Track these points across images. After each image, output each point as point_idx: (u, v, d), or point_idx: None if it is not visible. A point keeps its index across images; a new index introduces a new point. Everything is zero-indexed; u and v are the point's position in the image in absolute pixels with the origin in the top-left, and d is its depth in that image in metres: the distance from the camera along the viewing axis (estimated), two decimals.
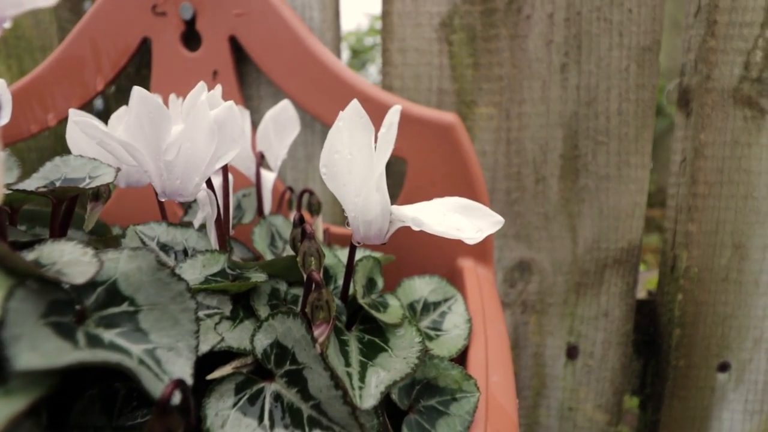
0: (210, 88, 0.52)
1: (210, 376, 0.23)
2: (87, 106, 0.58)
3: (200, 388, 0.22)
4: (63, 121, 0.56)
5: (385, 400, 0.27)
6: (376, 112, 0.48)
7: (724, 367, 0.57)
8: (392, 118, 0.23)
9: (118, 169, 0.29)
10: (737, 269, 0.55)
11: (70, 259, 0.21)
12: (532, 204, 0.55)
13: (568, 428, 0.60)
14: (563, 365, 0.59)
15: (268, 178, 0.39)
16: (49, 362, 0.17)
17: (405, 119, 0.48)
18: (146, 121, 0.25)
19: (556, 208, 0.55)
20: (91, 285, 0.21)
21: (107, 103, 0.61)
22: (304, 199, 0.41)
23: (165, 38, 0.53)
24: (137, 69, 0.58)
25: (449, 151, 0.47)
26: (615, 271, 0.56)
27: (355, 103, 0.24)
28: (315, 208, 0.38)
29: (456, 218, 0.24)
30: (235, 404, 0.23)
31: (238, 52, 0.53)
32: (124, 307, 0.21)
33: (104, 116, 0.63)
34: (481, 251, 0.50)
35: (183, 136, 0.25)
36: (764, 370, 0.57)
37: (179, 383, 0.18)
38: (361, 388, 0.24)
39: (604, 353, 0.58)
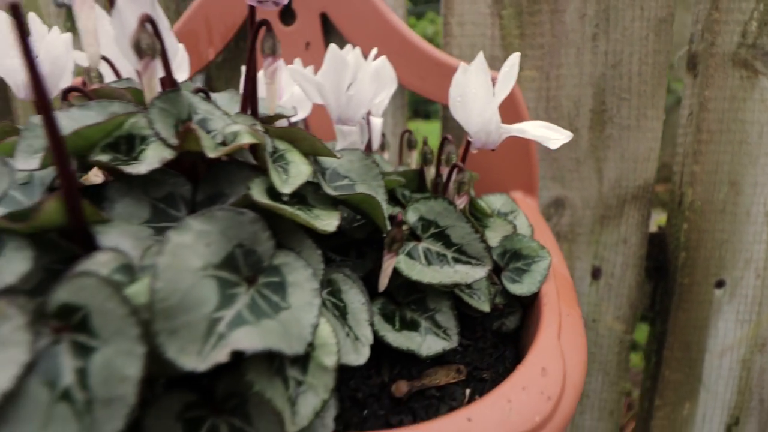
0: (303, 57, 0.64)
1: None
2: (197, 74, 0.70)
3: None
4: None
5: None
6: (446, 74, 0.60)
7: (720, 284, 0.71)
8: (513, 60, 0.36)
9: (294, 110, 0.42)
10: (732, 202, 0.68)
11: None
12: (566, 151, 0.68)
13: (592, 336, 0.74)
14: (588, 284, 0.72)
15: (377, 122, 0.51)
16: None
17: None
18: (333, 69, 0.37)
19: (585, 154, 0.68)
20: (324, 170, 0.34)
21: (208, 71, 0.73)
22: (404, 138, 0.54)
23: (266, 15, 0.65)
24: (236, 42, 0.70)
25: (508, 103, 0.59)
26: (633, 205, 0.70)
27: (480, 57, 0.36)
28: (413, 144, 0.51)
29: (544, 130, 0.37)
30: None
31: (326, 26, 0.65)
32: (345, 181, 0.34)
33: (206, 83, 0.75)
34: (528, 185, 0.63)
35: (357, 79, 0.38)
36: (752, 286, 0.71)
37: (395, 218, 0.31)
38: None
39: (622, 274, 0.72)
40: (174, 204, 0.28)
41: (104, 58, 0.39)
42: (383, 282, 0.33)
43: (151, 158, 0.25)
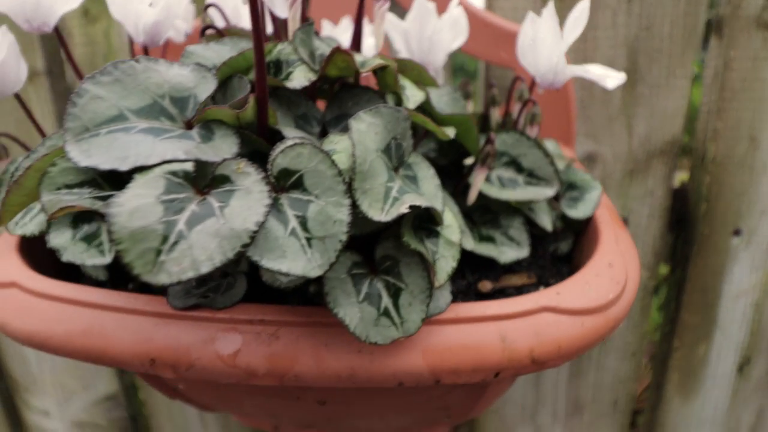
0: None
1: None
2: None
3: None
4: None
5: None
6: (493, 34, 0.66)
7: (737, 233, 0.78)
8: (584, 5, 0.41)
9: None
10: (751, 156, 0.74)
11: None
12: (600, 108, 0.74)
13: None
14: None
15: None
16: None
17: (514, 37, 0.66)
18: (419, 16, 0.43)
19: (617, 111, 0.74)
20: None
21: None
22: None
23: None
24: None
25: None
26: (660, 159, 0.76)
27: (550, 6, 0.42)
28: (497, 99, 0.55)
29: (603, 71, 0.43)
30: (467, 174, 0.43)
31: None
32: (438, 110, 0.40)
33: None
34: (566, 137, 0.69)
35: (438, 27, 0.44)
36: (767, 234, 0.77)
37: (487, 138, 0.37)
38: None
39: (648, 224, 0.79)
40: (308, 121, 0.34)
41: (213, 5, 0.44)
42: (473, 195, 0.39)
43: (300, 78, 0.31)
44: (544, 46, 0.43)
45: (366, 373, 0.29)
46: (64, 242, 0.41)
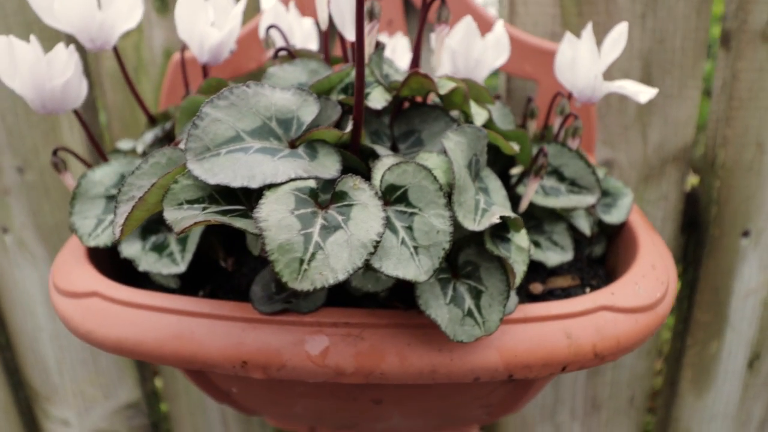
0: (386, 32, 0.73)
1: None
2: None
3: None
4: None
5: None
6: (517, 49, 0.69)
7: (746, 234, 0.82)
8: (622, 29, 0.45)
9: None
10: (758, 161, 0.79)
11: None
12: (616, 117, 0.78)
13: None
14: None
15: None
16: None
17: (537, 51, 0.70)
18: (466, 36, 0.46)
19: (633, 120, 0.78)
20: None
21: None
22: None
23: None
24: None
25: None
26: (673, 165, 0.80)
27: (588, 28, 0.46)
28: (535, 112, 0.58)
29: (636, 86, 0.47)
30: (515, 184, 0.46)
31: (407, 6, 0.74)
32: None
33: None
34: (587, 145, 0.73)
35: (483, 45, 0.47)
36: None
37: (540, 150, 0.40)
38: None
39: (662, 227, 0.83)
40: (380, 137, 0.37)
41: (274, 27, 0.47)
42: (525, 204, 0.42)
43: (378, 99, 0.34)
44: (582, 64, 0.46)
45: (446, 370, 0.32)
46: (136, 253, 0.43)
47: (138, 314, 0.37)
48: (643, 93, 0.47)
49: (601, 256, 0.53)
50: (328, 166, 0.28)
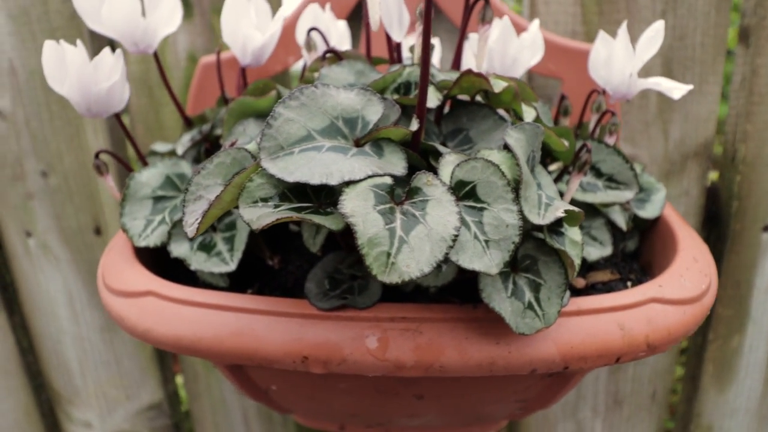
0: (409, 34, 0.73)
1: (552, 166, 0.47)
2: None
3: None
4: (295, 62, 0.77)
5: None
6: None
7: (766, 228, 0.82)
8: (658, 26, 0.46)
9: None
10: None
11: None
12: (637, 114, 0.79)
13: None
14: None
15: None
16: None
17: (561, 49, 0.71)
18: (503, 36, 0.47)
19: (654, 117, 0.79)
20: None
21: None
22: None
23: None
24: (348, 19, 0.79)
25: None
26: (694, 160, 0.81)
27: (623, 26, 0.46)
28: (569, 110, 0.59)
29: (671, 83, 0.48)
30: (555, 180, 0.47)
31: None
32: None
33: None
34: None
35: (519, 44, 0.48)
36: None
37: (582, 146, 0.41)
38: None
39: None
40: (429, 135, 0.38)
41: (315, 29, 0.48)
42: (567, 199, 0.43)
43: (431, 98, 0.35)
44: (617, 62, 0.47)
45: (504, 362, 0.33)
46: (186, 252, 0.44)
47: (195, 312, 0.37)
48: (677, 89, 0.47)
49: (634, 251, 0.54)
50: (395, 163, 0.28)
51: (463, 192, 0.29)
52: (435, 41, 0.59)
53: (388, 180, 0.27)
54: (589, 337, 0.33)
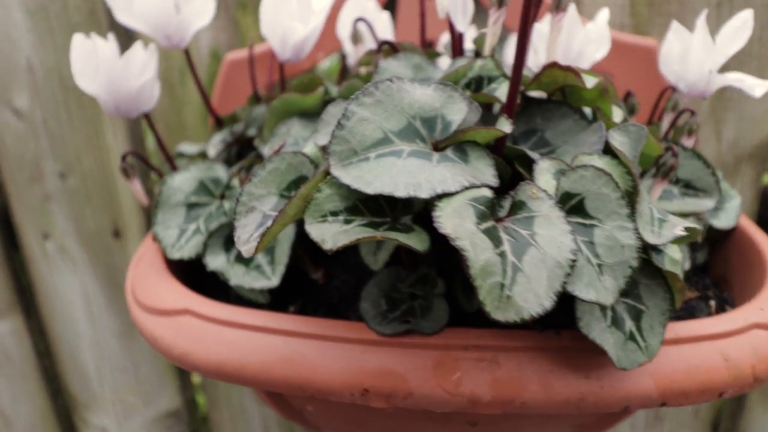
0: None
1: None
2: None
3: None
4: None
5: None
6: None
7: None
8: (746, 15, 0.41)
9: None
10: None
11: None
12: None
13: None
14: None
15: None
16: None
17: (612, 43, 0.66)
18: (569, 28, 0.43)
19: (706, 116, 0.74)
20: None
21: None
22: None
23: None
24: None
25: (650, 65, 0.65)
26: (748, 163, 0.76)
27: (702, 16, 0.42)
28: (636, 108, 0.54)
29: (751, 80, 0.43)
30: None
31: None
32: None
33: None
34: None
35: (585, 37, 0.43)
36: None
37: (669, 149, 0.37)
38: None
39: None
40: None
41: (362, 19, 0.44)
42: None
43: (505, 94, 0.31)
44: (695, 57, 0.43)
45: (595, 398, 0.29)
46: (222, 265, 0.40)
47: (238, 334, 0.34)
48: (759, 86, 0.43)
49: (703, 264, 0.49)
50: (483, 170, 0.24)
51: (569, 205, 0.24)
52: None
53: (486, 192, 0.23)
54: (691, 369, 0.29)
